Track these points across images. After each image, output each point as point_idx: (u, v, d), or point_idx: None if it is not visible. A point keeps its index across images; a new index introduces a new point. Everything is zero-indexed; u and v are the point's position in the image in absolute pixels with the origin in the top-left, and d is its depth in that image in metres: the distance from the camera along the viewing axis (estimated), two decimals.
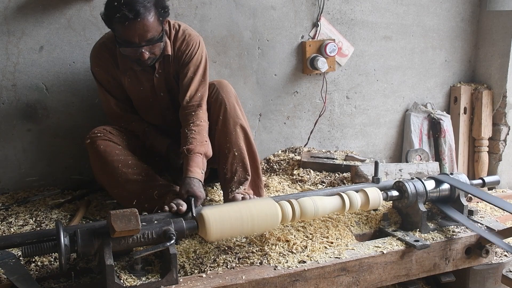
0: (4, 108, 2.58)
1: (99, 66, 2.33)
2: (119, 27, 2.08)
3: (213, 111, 2.31)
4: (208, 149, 2.19)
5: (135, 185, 2.16)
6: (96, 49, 2.35)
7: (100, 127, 2.29)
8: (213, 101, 2.32)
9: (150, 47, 2.14)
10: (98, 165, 2.25)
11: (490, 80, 3.50)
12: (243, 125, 2.31)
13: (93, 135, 2.24)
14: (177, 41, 2.32)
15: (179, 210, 1.89)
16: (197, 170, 2.08)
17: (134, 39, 2.09)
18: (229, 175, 2.26)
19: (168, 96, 2.40)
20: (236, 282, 1.67)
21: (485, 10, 3.44)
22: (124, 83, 2.35)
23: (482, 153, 3.48)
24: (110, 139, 2.25)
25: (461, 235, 2.03)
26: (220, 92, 2.32)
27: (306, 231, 2.01)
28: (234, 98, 2.34)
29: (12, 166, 2.64)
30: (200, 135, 2.18)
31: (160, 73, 2.33)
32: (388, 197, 2.07)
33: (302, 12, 3.03)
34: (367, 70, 3.28)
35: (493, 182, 2.25)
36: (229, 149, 2.27)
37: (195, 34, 2.37)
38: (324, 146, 3.27)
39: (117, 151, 2.22)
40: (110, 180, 2.22)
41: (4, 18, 2.48)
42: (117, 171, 2.18)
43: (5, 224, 2.19)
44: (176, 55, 2.32)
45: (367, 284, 1.89)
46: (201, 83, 2.31)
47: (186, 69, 2.31)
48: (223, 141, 2.28)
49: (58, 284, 1.69)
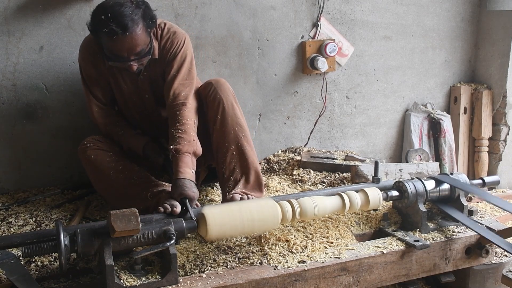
0: (4, 108, 2.58)
1: (87, 59, 2.30)
2: (107, 41, 2.06)
3: (211, 110, 2.28)
4: (197, 147, 2.15)
5: (129, 189, 2.17)
6: (86, 42, 2.32)
7: (89, 138, 2.30)
8: (211, 100, 2.28)
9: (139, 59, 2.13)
10: (91, 174, 2.27)
11: (490, 80, 3.50)
12: (242, 124, 2.29)
13: (83, 146, 2.26)
14: (163, 39, 2.29)
15: (173, 211, 1.86)
16: (187, 170, 2.05)
17: (122, 53, 2.08)
18: (227, 174, 2.25)
19: (153, 97, 2.38)
20: (236, 282, 1.67)
21: (485, 10, 3.44)
22: (110, 81, 2.34)
23: (482, 153, 3.48)
24: (100, 148, 2.25)
25: (461, 235, 2.03)
26: (218, 91, 2.28)
27: (306, 231, 2.01)
28: (232, 97, 2.31)
29: (12, 166, 2.64)
30: (187, 134, 2.13)
31: (144, 75, 2.31)
32: (388, 197, 2.07)
33: (302, 12, 3.03)
34: (367, 70, 3.28)
35: (493, 182, 2.25)
36: (227, 148, 2.25)
37: (180, 32, 2.34)
38: (324, 146, 3.27)
39: (107, 158, 2.22)
40: (105, 187, 2.25)
41: (4, 18, 2.48)
42: (110, 177, 2.19)
43: (5, 224, 2.19)
44: (161, 54, 2.29)
45: (367, 284, 1.89)
46: (185, 80, 2.27)
47: (170, 67, 2.28)
48: (221, 140, 2.27)
49: (58, 284, 1.69)
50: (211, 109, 2.28)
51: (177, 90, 2.24)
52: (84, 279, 1.73)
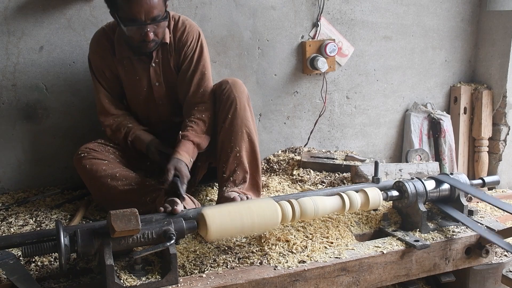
0: (4, 108, 2.58)
1: (97, 53, 2.34)
2: (124, 4, 2.08)
3: (223, 109, 2.27)
4: (202, 142, 2.19)
5: (127, 195, 2.17)
6: (96, 36, 2.37)
7: (83, 147, 2.31)
8: (224, 98, 2.27)
9: (155, 27, 2.14)
10: (88, 182, 2.28)
11: (490, 80, 3.50)
12: (251, 127, 2.27)
13: (78, 157, 2.27)
14: (177, 31, 2.31)
15: (173, 210, 1.85)
16: (185, 155, 2.11)
17: (140, 15, 2.09)
18: (227, 174, 2.24)
19: (164, 87, 2.39)
20: (236, 282, 1.67)
21: (485, 10, 3.44)
22: (120, 73, 2.35)
23: (482, 153, 3.48)
24: (95, 157, 2.26)
25: (461, 235, 2.03)
26: (233, 91, 2.26)
27: (306, 231, 2.01)
28: (246, 99, 2.29)
29: (12, 166, 2.64)
30: (199, 127, 2.22)
31: (156, 63, 2.33)
32: (388, 197, 2.07)
33: (302, 12, 3.03)
34: (367, 70, 3.28)
35: (493, 182, 2.25)
36: (231, 148, 2.24)
37: (195, 25, 2.37)
38: (324, 146, 3.27)
39: (103, 166, 2.23)
40: (102, 195, 2.25)
41: (4, 18, 2.48)
42: (106, 185, 2.19)
43: (5, 224, 2.19)
44: (176, 46, 2.32)
45: (367, 284, 1.89)
46: (203, 76, 2.32)
47: (188, 63, 2.32)
48: (227, 140, 2.25)
49: (58, 284, 1.69)
50: (223, 107, 2.27)
51: (196, 88, 2.30)
52: (84, 279, 1.73)
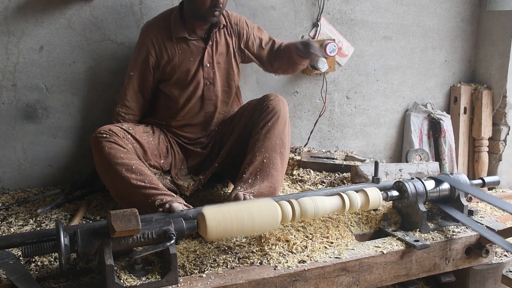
0: (4, 108, 2.58)
1: (148, 37, 2.41)
2: None
3: (265, 116, 2.33)
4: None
5: (137, 191, 2.10)
6: (149, 23, 2.48)
7: (106, 127, 2.24)
8: (269, 107, 2.34)
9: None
10: (101, 165, 2.21)
11: (490, 80, 3.50)
12: (285, 142, 2.32)
13: (99, 135, 2.19)
14: (230, 17, 2.54)
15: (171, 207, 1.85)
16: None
17: None
18: (246, 176, 2.23)
19: (214, 68, 2.48)
20: (236, 282, 1.67)
21: (485, 10, 3.44)
22: (174, 54, 2.41)
23: (482, 153, 3.48)
24: (115, 142, 2.19)
25: (461, 235, 2.03)
26: (279, 104, 2.36)
27: (306, 231, 2.01)
28: (287, 115, 2.39)
29: (12, 166, 2.64)
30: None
31: (210, 45, 2.46)
32: (388, 197, 2.07)
33: (302, 12, 3.03)
34: (367, 70, 3.28)
35: (493, 182, 2.25)
36: (260, 153, 2.26)
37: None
38: (324, 146, 3.27)
39: (121, 154, 2.16)
40: (111, 182, 2.19)
41: (4, 18, 2.48)
42: (119, 174, 2.12)
43: (5, 224, 2.19)
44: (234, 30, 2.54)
45: (367, 284, 1.89)
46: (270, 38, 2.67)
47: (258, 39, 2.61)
48: (259, 145, 2.28)
49: (58, 284, 1.69)
50: (265, 114, 2.34)
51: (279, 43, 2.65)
52: (84, 279, 1.73)
